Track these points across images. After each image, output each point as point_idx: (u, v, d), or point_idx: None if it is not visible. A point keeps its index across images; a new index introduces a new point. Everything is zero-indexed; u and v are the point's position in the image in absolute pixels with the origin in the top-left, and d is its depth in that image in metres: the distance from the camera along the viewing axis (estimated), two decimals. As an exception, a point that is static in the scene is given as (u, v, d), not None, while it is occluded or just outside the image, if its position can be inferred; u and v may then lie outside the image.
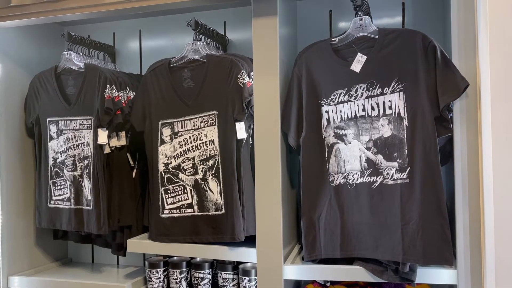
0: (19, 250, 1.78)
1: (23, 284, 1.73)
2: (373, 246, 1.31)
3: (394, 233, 1.27)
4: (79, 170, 1.69)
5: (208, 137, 1.53)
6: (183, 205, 1.56)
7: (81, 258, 2.07)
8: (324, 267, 1.38)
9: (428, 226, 1.23)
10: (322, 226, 1.39)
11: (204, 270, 1.56)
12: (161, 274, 1.59)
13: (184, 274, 1.58)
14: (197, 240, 1.53)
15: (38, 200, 1.78)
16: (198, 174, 1.54)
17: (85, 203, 1.68)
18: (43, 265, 1.89)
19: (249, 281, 1.48)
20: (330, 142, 1.40)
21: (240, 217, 1.47)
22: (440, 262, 1.23)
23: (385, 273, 1.29)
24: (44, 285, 1.73)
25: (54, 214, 1.74)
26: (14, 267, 1.75)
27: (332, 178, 1.39)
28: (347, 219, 1.36)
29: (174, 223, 1.56)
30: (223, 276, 1.53)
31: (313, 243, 1.40)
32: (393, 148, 1.30)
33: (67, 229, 1.73)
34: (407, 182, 1.27)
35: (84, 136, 1.68)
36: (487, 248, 1.19)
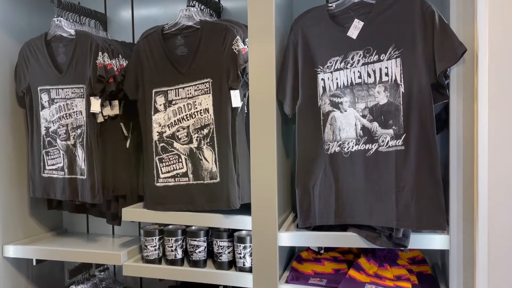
0: (13, 220, 1.78)
1: (18, 253, 1.74)
2: (367, 213, 1.33)
3: (389, 199, 1.28)
4: (72, 139, 1.67)
5: (202, 106, 1.51)
6: (178, 174, 1.56)
7: (76, 228, 2.07)
8: (318, 234, 1.40)
9: (422, 193, 1.24)
10: (316, 194, 1.40)
11: (200, 238, 1.57)
12: (156, 242, 1.60)
13: (179, 242, 1.59)
14: (192, 208, 1.53)
15: (31, 169, 1.77)
16: (193, 143, 1.53)
17: (79, 172, 1.67)
18: (38, 235, 1.90)
19: (244, 248, 1.49)
20: (325, 110, 1.39)
21: (235, 185, 1.47)
22: (434, 227, 1.25)
23: (379, 239, 1.31)
24: (39, 253, 1.74)
25: (48, 184, 1.73)
26: (8, 236, 1.76)
27: (327, 146, 1.39)
28: (341, 186, 1.37)
29: (169, 192, 1.56)
30: (218, 244, 1.54)
31: (307, 211, 1.41)
32: (389, 115, 1.30)
33: (61, 198, 1.72)
34: (402, 149, 1.27)
35: (76, 105, 1.66)
36: (480, 214, 1.21)
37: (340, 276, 1.46)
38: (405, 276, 1.39)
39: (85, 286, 1.79)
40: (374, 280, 1.39)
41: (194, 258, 1.57)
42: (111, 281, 1.92)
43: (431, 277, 1.48)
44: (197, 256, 1.57)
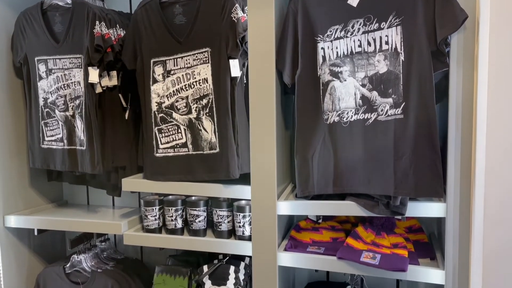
0: (13, 191, 1.79)
1: (19, 223, 1.75)
2: (366, 182, 1.34)
3: (387, 168, 1.29)
4: (70, 110, 1.67)
5: (201, 76, 1.50)
6: (177, 145, 1.56)
7: (76, 200, 2.09)
8: (316, 203, 1.41)
9: (421, 161, 1.25)
10: (315, 164, 1.40)
11: (199, 208, 1.58)
12: (156, 212, 1.61)
13: (179, 212, 1.61)
14: (192, 178, 1.54)
15: (30, 141, 1.77)
16: (192, 114, 1.53)
17: (78, 143, 1.67)
18: (39, 206, 1.91)
19: (244, 217, 1.51)
20: (325, 80, 1.39)
21: (235, 155, 1.48)
22: (431, 194, 1.26)
23: (376, 208, 1.33)
24: (40, 223, 1.76)
25: (48, 155, 1.74)
26: (9, 207, 1.77)
27: (327, 116, 1.39)
28: (340, 156, 1.38)
29: (169, 162, 1.57)
30: (218, 213, 1.56)
31: (306, 180, 1.42)
32: (389, 84, 1.29)
33: (61, 169, 1.73)
34: (401, 118, 1.28)
35: (74, 75, 1.64)
36: (477, 182, 1.22)
37: (338, 244, 1.48)
38: (402, 244, 1.42)
39: (86, 255, 1.81)
40: (372, 247, 1.42)
41: (194, 228, 1.59)
42: (112, 251, 1.95)
43: (427, 245, 1.51)
44: (197, 226, 1.59)
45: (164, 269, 1.67)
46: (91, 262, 1.81)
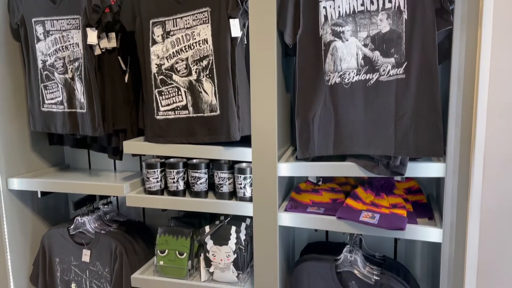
0: (15, 154, 1.80)
1: (22, 185, 1.77)
2: (366, 143, 1.34)
3: (388, 128, 1.30)
4: (70, 72, 1.65)
5: (201, 36, 1.48)
6: (177, 107, 1.56)
7: (78, 164, 2.10)
8: (317, 164, 1.42)
9: (421, 120, 1.25)
10: (316, 126, 1.41)
11: (201, 170, 1.60)
12: (158, 174, 1.63)
13: (181, 174, 1.62)
14: (193, 141, 1.55)
15: (30, 104, 1.76)
16: (192, 75, 1.52)
17: (78, 106, 1.66)
18: (41, 170, 1.92)
19: (245, 179, 1.53)
20: (327, 40, 1.37)
21: (235, 117, 1.48)
22: (431, 154, 1.27)
23: (376, 168, 1.34)
24: (43, 186, 1.77)
25: (48, 118, 1.74)
26: (11, 170, 1.79)
27: (328, 77, 1.38)
28: (341, 118, 1.38)
29: (169, 124, 1.57)
30: (219, 175, 1.57)
31: (306, 142, 1.42)
32: (391, 44, 1.28)
33: (62, 132, 1.73)
34: (403, 78, 1.27)
35: (72, 36, 1.62)
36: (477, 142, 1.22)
37: (338, 205, 1.50)
38: (400, 204, 1.44)
39: (89, 218, 1.84)
40: (371, 208, 1.44)
41: (196, 190, 1.61)
42: (115, 214, 1.98)
43: (426, 206, 1.53)
44: (198, 188, 1.61)
45: (166, 230, 1.70)
46: (94, 224, 1.85)
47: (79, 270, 1.83)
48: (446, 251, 1.32)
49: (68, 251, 1.83)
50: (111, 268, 1.76)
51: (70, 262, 1.84)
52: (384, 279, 1.41)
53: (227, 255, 1.60)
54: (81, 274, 1.83)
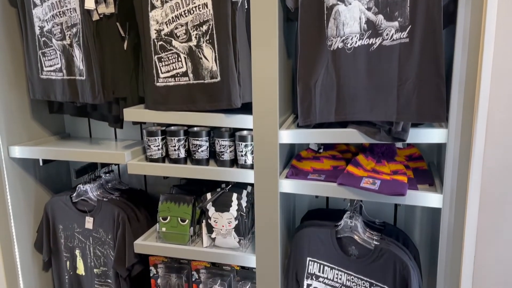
0: (15, 122, 1.79)
1: (24, 153, 1.77)
2: (368, 109, 1.33)
3: (390, 94, 1.28)
4: (68, 39, 1.63)
5: (200, 0, 1.45)
6: (177, 74, 1.54)
7: (78, 132, 2.10)
8: (318, 131, 1.42)
9: (424, 85, 1.24)
10: (318, 92, 1.39)
11: (202, 138, 1.59)
12: (159, 142, 1.63)
13: (182, 142, 1.62)
14: (194, 108, 1.54)
15: (29, 71, 1.74)
16: (192, 41, 1.49)
17: (77, 73, 1.64)
18: (41, 138, 1.92)
19: (246, 146, 1.52)
20: (329, 4, 1.34)
21: (236, 84, 1.46)
22: (433, 119, 1.26)
23: (378, 134, 1.33)
24: (45, 153, 1.77)
25: (47, 86, 1.72)
26: (12, 138, 1.78)
27: (330, 42, 1.36)
28: (343, 83, 1.36)
29: (170, 91, 1.56)
30: (220, 143, 1.57)
31: (308, 108, 1.41)
32: (395, 7, 1.25)
33: (61, 100, 1.72)
34: (407, 42, 1.25)
35: (69, 1, 1.58)
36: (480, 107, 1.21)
37: (339, 172, 1.51)
38: (401, 171, 1.44)
39: (91, 185, 1.86)
40: (372, 174, 1.44)
41: (197, 157, 1.61)
42: (117, 182, 1.99)
43: (426, 172, 1.53)
44: (199, 155, 1.61)
45: (168, 197, 1.72)
46: (96, 191, 1.86)
47: (83, 237, 1.86)
48: (446, 216, 1.33)
49: (71, 218, 1.86)
50: (114, 234, 1.78)
51: (73, 229, 1.87)
52: (383, 244, 1.43)
53: (229, 221, 1.62)
54: (85, 240, 1.86)
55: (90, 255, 1.87)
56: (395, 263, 1.39)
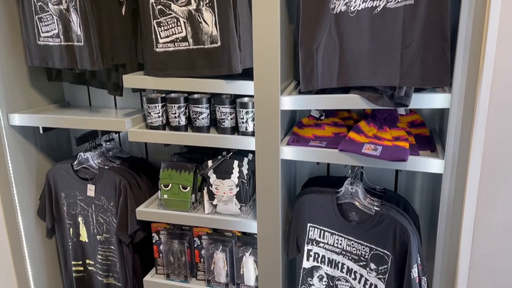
0: (14, 90, 1.78)
1: (24, 121, 1.76)
2: (371, 73, 1.31)
3: (394, 58, 1.26)
4: (64, 3, 1.59)
5: (200, -38, 1.41)
6: (177, 39, 1.51)
7: (78, 101, 2.08)
8: (320, 97, 1.40)
9: (429, 48, 1.21)
10: (320, 57, 1.37)
11: (202, 105, 1.58)
12: (159, 109, 1.61)
13: (182, 109, 1.61)
14: (194, 74, 1.51)
15: (26, 37, 1.71)
16: (191, 5, 1.46)
17: (75, 39, 1.61)
18: (41, 107, 1.91)
19: (247, 113, 1.51)
20: (332, -35, 1.30)
21: (237, 49, 1.43)
22: (437, 83, 1.24)
23: (381, 99, 1.32)
24: (45, 121, 1.76)
25: (45, 52, 1.69)
26: (11, 105, 1.77)
27: (333, 5, 1.33)
28: (346, 48, 1.34)
29: (169, 57, 1.53)
30: (221, 110, 1.56)
31: (310, 74, 1.39)
32: (400, -33, 1.21)
33: (60, 67, 1.69)
34: (412, 4, 1.21)
35: (65, -36, 1.54)
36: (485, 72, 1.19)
37: (340, 139, 1.50)
38: (403, 137, 1.43)
39: (92, 153, 1.85)
40: (373, 140, 1.44)
41: (198, 125, 1.60)
42: (118, 150, 1.99)
43: (428, 139, 1.53)
44: (200, 123, 1.60)
45: (169, 164, 1.72)
46: (97, 159, 1.86)
47: (85, 205, 1.87)
48: (447, 182, 1.33)
49: (73, 186, 1.86)
50: (116, 202, 1.79)
51: (75, 196, 1.88)
52: (384, 209, 1.44)
53: (230, 188, 1.62)
54: (87, 208, 1.87)
55: (93, 222, 1.88)
56: (395, 228, 1.41)
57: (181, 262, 1.79)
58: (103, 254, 1.91)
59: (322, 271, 1.59)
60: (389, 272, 1.45)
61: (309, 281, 1.62)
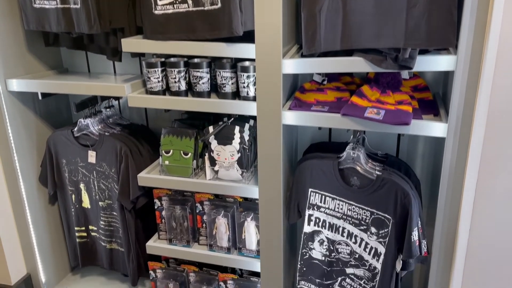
0: (11, 55, 1.74)
1: (22, 87, 1.74)
2: (375, 35, 1.28)
3: (399, 18, 1.23)
4: (59, -37, 1.54)
5: None
6: (176, 0, 1.47)
7: (76, 67, 2.05)
8: (322, 60, 1.38)
9: (435, 8, 1.18)
10: (323, 18, 1.33)
11: (202, 69, 1.55)
12: (159, 74, 1.59)
13: (182, 74, 1.58)
14: (193, 37, 1.48)
15: (21, 0, 1.67)
16: (191, -36, 1.41)
17: (72, 1, 1.57)
18: (39, 72, 1.88)
19: (248, 77, 1.49)
20: None
21: (238, 10, 1.39)
22: (443, 43, 1.21)
23: (384, 62, 1.29)
24: (43, 86, 1.74)
25: (41, 15, 1.65)
26: (9, 71, 1.74)
27: (337, -36, 1.28)
28: (349, 9, 1.30)
29: (168, 20, 1.49)
30: (221, 75, 1.54)
31: (313, 36, 1.36)
32: None
33: (56, 30, 1.65)
34: (418, -39, 1.18)
35: None
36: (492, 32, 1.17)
37: (342, 103, 1.48)
38: (406, 101, 1.42)
39: (92, 120, 1.84)
40: (376, 104, 1.42)
41: (198, 90, 1.58)
42: (118, 117, 1.98)
43: (432, 103, 1.51)
44: (200, 88, 1.58)
45: (170, 130, 1.71)
46: (98, 126, 1.85)
47: (86, 171, 1.87)
48: (450, 146, 1.32)
49: (74, 153, 1.86)
50: (117, 168, 1.79)
51: (77, 163, 1.88)
52: (385, 174, 1.44)
53: (231, 154, 1.62)
54: (89, 174, 1.88)
55: (95, 189, 1.89)
56: (396, 192, 1.41)
57: (183, 228, 1.80)
58: (105, 220, 1.93)
59: (322, 235, 1.60)
60: (389, 235, 1.46)
61: (310, 245, 1.64)
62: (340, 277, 1.63)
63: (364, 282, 1.57)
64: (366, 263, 1.55)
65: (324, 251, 1.62)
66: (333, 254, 1.60)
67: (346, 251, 1.58)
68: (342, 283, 1.62)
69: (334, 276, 1.63)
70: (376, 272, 1.53)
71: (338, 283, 1.63)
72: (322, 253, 1.62)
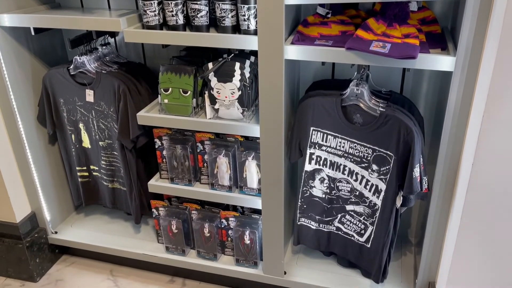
0: (0, -13, 1.66)
1: (14, 21, 1.66)
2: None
3: None
4: None
5: None
6: None
7: (69, 2, 1.97)
8: (327, -12, 1.31)
9: None
10: None
11: (201, 1, 1.48)
12: (155, 6, 1.52)
13: (179, 7, 1.51)
14: (191, -34, 1.40)
15: None
16: None
17: None
18: (30, 7, 1.80)
19: (249, 9, 1.42)
20: None
21: None
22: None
23: (393, -10, 1.23)
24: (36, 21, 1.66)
25: None
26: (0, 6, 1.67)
27: None
28: None
29: None
30: (220, 7, 1.46)
31: (317, -36, 1.29)
32: None
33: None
34: None
35: None
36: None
37: (347, 37, 1.42)
38: (413, 34, 1.36)
39: (88, 57, 1.79)
40: (382, 38, 1.36)
41: (196, 23, 1.52)
42: (115, 55, 1.92)
43: (440, 36, 1.45)
44: (199, 21, 1.51)
45: (169, 68, 1.66)
46: (94, 63, 1.80)
47: (85, 110, 1.85)
48: (457, 81, 1.29)
49: (71, 92, 1.82)
50: (116, 107, 1.76)
51: (75, 102, 1.84)
52: (389, 110, 1.41)
53: (232, 92, 1.58)
54: (87, 114, 1.85)
55: (94, 128, 1.87)
56: (399, 128, 1.39)
57: (185, 167, 1.80)
58: (106, 160, 1.93)
59: (323, 173, 1.60)
60: (390, 172, 1.46)
61: (310, 183, 1.64)
62: (340, 213, 1.65)
63: (363, 218, 1.59)
64: (366, 200, 1.56)
65: (324, 189, 1.62)
66: (334, 191, 1.61)
67: (347, 188, 1.59)
68: (342, 220, 1.65)
69: (334, 213, 1.65)
70: (376, 209, 1.55)
71: (338, 220, 1.65)
72: (323, 191, 1.63)
